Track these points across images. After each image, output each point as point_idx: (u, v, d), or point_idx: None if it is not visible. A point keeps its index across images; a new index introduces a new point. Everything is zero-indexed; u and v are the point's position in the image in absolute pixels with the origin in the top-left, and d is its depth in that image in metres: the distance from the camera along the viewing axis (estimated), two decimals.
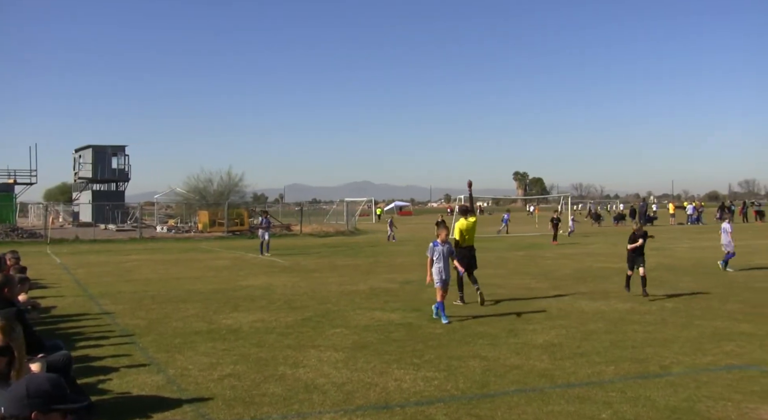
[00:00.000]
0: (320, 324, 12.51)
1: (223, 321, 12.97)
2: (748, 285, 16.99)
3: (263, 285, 18.53)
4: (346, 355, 9.98)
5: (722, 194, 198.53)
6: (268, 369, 9.21)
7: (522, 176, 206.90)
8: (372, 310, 14.03)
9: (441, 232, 12.90)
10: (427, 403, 7.57)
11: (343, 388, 8.23)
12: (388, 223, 42.48)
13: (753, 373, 8.63)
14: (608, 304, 14.32)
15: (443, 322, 12.25)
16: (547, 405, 7.42)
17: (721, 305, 13.91)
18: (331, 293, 16.63)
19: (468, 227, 15.08)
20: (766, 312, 13.01)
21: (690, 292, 15.92)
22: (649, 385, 8.12)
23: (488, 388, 8.12)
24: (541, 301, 14.89)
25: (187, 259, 27.98)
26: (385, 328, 12.04)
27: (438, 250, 12.64)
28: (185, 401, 7.77)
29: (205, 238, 43.80)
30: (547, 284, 17.79)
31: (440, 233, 12.88)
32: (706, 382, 8.26)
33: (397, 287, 17.62)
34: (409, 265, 23.54)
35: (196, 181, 54.37)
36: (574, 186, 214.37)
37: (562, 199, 55.23)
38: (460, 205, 15.80)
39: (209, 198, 52.60)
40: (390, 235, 40.10)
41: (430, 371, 8.96)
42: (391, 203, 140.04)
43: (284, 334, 11.57)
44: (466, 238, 15.09)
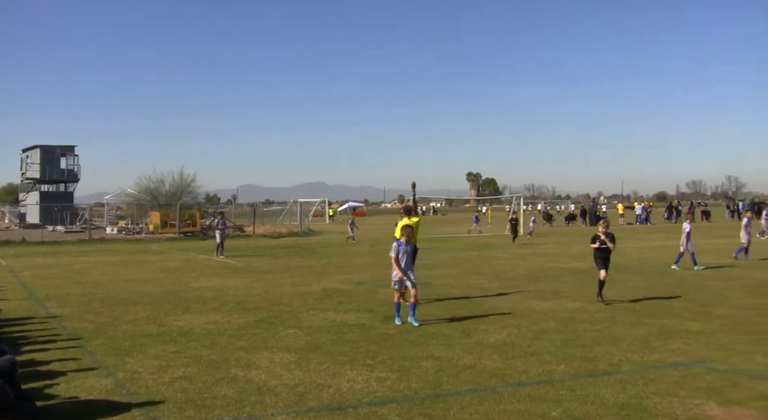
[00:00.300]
0: (273, 325, 12.44)
1: (175, 323, 12.83)
2: (695, 284, 17.33)
3: (215, 286, 18.37)
4: (299, 356, 9.94)
5: (670, 195, 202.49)
6: (220, 371, 9.13)
7: (475, 177, 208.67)
8: (325, 311, 13.99)
9: (405, 232, 12.74)
10: (380, 403, 7.57)
11: (295, 389, 8.19)
12: (349, 224, 42.19)
13: (698, 370, 8.80)
14: (559, 303, 14.48)
15: (396, 323, 12.25)
16: (499, 404, 7.47)
17: (668, 304, 14.17)
18: (284, 294, 16.55)
19: (411, 227, 15.04)
20: (712, 310, 13.29)
21: (639, 291, 16.17)
22: (598, 383, 8.23)
23: (441, 388, 8.16)
24: (493, 301, 15.00)
25: (137, 261, 27.61)
26: (338, 329, 12.02)
27: (402, 250, 12.46)
28: (135, 405, 7.66)
29: (157, 239, 43.25)
30: (500, 284, 17.93)
31: (405, 234, 12.70)
32: (654, 379, 8.40)
33: (351, 288, 17.60)
34: (363, 266, 23.54)
35: (148, 182, 53.63)
36: (526, 186, 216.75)
37: (514, 200, 55.60)
38: (403, 206, 16.06)
39: (161, 199, 51.94)
40: (350, 236, 39.86)
41: (383, 372, 8.97)
42: (345, 204, 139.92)
43: (236, 336, 11.48)
44: (412, 236, 15.05)
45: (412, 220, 15.13)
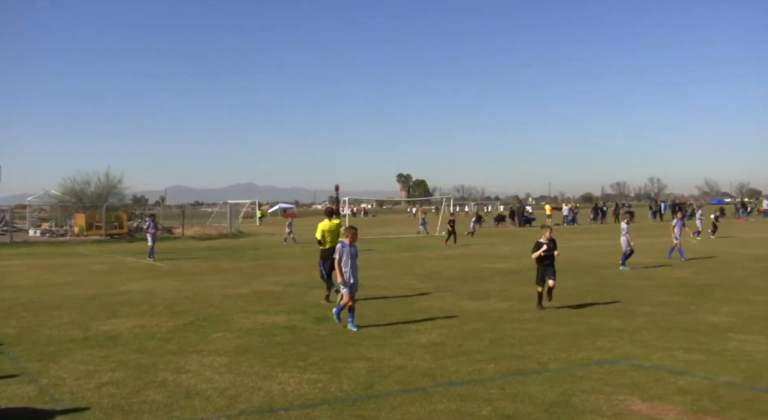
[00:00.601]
0: (203, 328, 12.29)
1: (101, 327, 12.56)
2: (619, 282, 17.76)
3: (144, 289, 18.05)
4: (230, 359, 9.84)
5: (596, 196, 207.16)
6: (149, 375, 8.98)
7: (406, 178, 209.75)
8: (256, 313, 13.89)
9: (349, 233, 12.25)
10: (312, 405, 7.56)
11: (226, 393, 8.11)
12: (287, 225, 41.65)
13: (623, 367, 9.03)
14: (489, 303, 14.67)
15: (350, 328, 11.83)
16: (430, 404, 7.53)
17: (594, 302, 14.49)
18: (213, 297, 16.37)
19: (331, 228, 15.50)
20: (635, 308, 13.64)
21: (566, 290, 16.46)
22: (527, 382, 8.37)
23: (373, 389, 8.18)
24: (424, 301, 15.11)
25: (62, 264, 26.93)
26: (269, 331, 11.94)
27: (346, 252, 12.04)
28: (59, 412, 7.47)
29: (82, 241, 42.26)
30: (431, 285, 18.07)
31: (348, 235, 12.25)
32: (581, 376, 8.59)
33: (281, 290, 17.51)
34: (294, 268, 23.44)
35: (73, 183, 52.29)
36: (456, 188, 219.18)
37: (444, 201, 56.20)
38: (324, 207, 16.27)
39: (86, 200, 50.71)
40: (287, 236, 39.42)
41: (314, 374, 8.95)
42: (276, 205, 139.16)
43: (165, 340, 11.30)
44: (328, 239, 15.38)
45: (333, 222, 15.53)
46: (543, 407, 7.34)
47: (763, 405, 7.28)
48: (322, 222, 15.62)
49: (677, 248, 24.04)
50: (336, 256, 12.03)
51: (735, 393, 7.76)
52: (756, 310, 13.15)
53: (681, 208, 68.71)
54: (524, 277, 19.55)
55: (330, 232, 15.45)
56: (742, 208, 72.97)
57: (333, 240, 15.37)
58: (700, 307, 13.70)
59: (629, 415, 7.02)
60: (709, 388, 7.99)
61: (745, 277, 18.32)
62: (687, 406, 7.28)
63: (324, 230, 15.42)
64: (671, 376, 8.54)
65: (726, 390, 7.89)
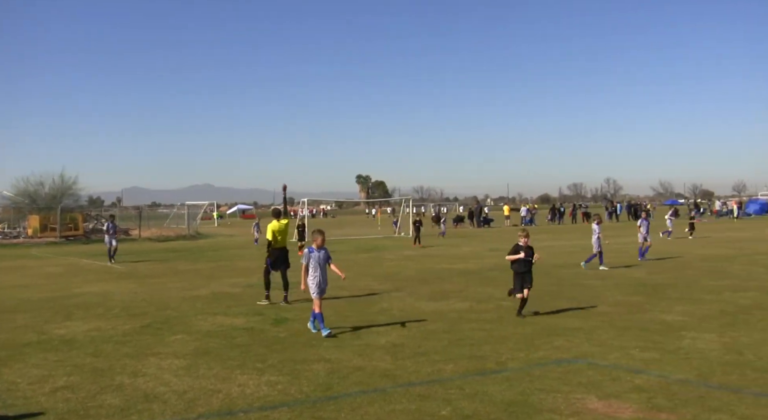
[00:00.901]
0: (160, 331, 12.17)
1: (56, 331, 12.37)
2: (575, 282, 17.97)
3: (99, 292, 17.82)
4: (188, 361, 9.76)
5: (553, 197, 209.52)
6: (105, 379, 8.87)
7: (365, 179, 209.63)
8: (214, 315, 13.80)
9: (316, 237, 11.78)
10: (271, 407, 7.53)
11: (184, 396, 8.05)
12: (253, 226, 40.90)
13: (580, 366, 9.15)
14: (448, 304, 14.74)
15: (323, 334, 11.29)
16: (390, 404, 7.55)
17: (552, 302, 14.64)
18: (171, 299, 16.22)
19: (280, 229, 15.76)
20: (592, 308, 13.82)
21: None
22: (486, 381, 8.44)
23: (332, 391, 8.17)
24: (384, 302, 15.14)
25: (15, 267, 26.48)
26: (228, 333, 11.87)
27: (314, 257, 11.70)
28: (12, 417, 7.34)
29: (36, 243, 41.58)
30: (390, 285, 18.10)
31: (316, 239, 11.78)
32: (539, 375, 8.68)
33: (240, 291, 17.41)
34: (253, 269, 23.29)
35: (26, 184, 51.49)
36: (415, 189, 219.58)
37: (403, 202, 56.32)
38: (273, 208, 16.71)
39: (40, 202, 49.92)
40: (256, 238, 38.80)
41: (274, 375, 8.91)
42: (234, 206, 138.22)
43: (122, 343, 11.17)
44: (279, 238, 15.65)
45: (281, 223, 15.79)
46: (502, 406, 7.40)
47: (716, 402, 7.42)
48: (271, 223, 15.86)
49: (644, 248, 24.28)
50: (303, 262, 11.75)
51: (688, 390, 7.91)
52: (708, 309, 13.40)
53: (644, 209, 69.73)
54: (483, 277, 19.69)
55: (280, 232, 15.73)
56: (695, 209, 74.28)
57: (283, 240, 15.72)
58: (655, 306, 13.92)
59: (586, 414, 7.11)
60: (664, 385, 8.13)
61: (698, 277, 18.66)
62: (642, 404, 7.40)
63: (274, 231, 15.67)
64: (627, 374, 8.67)
65: (680, 387, 8.03)
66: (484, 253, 29.22)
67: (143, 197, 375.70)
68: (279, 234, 15.70)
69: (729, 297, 14.89)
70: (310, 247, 11.88)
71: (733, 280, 17.71)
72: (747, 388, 7.93)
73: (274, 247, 15.66)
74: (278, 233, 15.69)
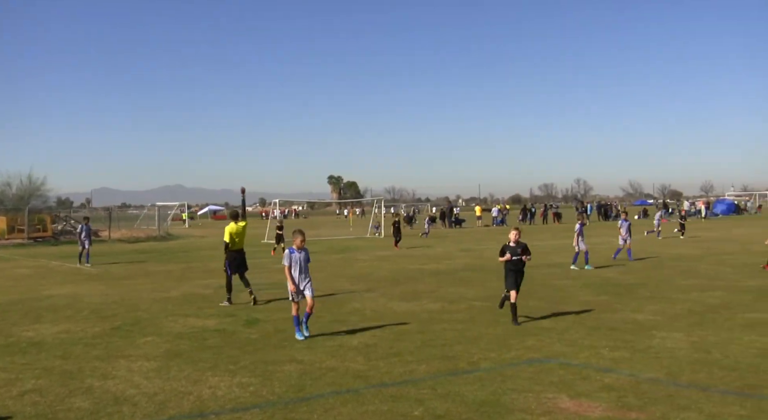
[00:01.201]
0: (131, 333, 12.07)
1: (24, 333, 12.22)
2: (546, 283, 18.08)
3: (69, 294, 17.63)
4: (159, 364, 9.69)
5: (524, 197, 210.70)
6: (75, 382, 8.77)
7: (336, 180, 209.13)
8: (185, 316, 13.71)
9: (296, 237, 11.28)
10: (243, 409, 7.49)
11: (155, 398, 7.98)
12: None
13: (552, 366, 9.21)
14: (420, 304, 14.77)
15: (297, 337, 11.17)
16: (362, 405, 7.55)
17: (523, 302, 14.67)
18: (142, 300, 16.09)
19: (237, 231, 15.79)
20: (562, 308, 13.92)
21: (496, 291, 16.67)
22: (458, 381, 8.46)
23: (305, 392, 8.15)
24: (356, 303, 15.13)
25: None
26: (199, 334, 11.80)
27: (295, 258, 11.27)
28: None
29: (3, 245, 40.99)
30: (362, 286, 18.10)
31: (296, 239, 11.27)
32: (511, 375, 8.72)
33: (212, 293, 17.31)
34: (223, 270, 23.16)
35: None
36: (387, 189, 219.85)
37: (375, 203, 56.30)
38: (230, 210, 16.92)
39: (7, 203, 49.28)
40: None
41: (246, 377, 8.87)
42: (205, 207, 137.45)
43: (92, 345, 11.06)
44: (236, 241, 15.77)
45: (239, 225, 15.89)
46: (474, 406, 7.43)
47: (685, 400, 7.51)
48: (229, 225, 15.86)
49: (626, 249, 24.18)
50: (285, 263, 11.27)
51: (658, 389, 7.99)
52: (678, 308, 13.55)
53: (624, 210, 70.29)
54: (455, 277, 19.75)
55: (237, 234, 15.74)
56: (664, 209, 75.13)
57: (240, 242, 15.78)
58: (626, 306, 14.04)
59: (558, 413, 7.16)
60: (634, 384, 8.21)
61: (668, 277, 18.86)
62: (612, 403, 7.46)
63: (231, 233, 15.66)
64: (597, 373, 8.74)
65: (649, 386, 8.11)
66: (456, 253, 29.31)
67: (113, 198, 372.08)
68: (236, 236, 15.71)
69: (697, 296, 15.06)
70: (290, 248, 11.41)
71: (701, 280, 17.92)
72: (714, 387, 8.03)
73: (231, 250, 15.67)
74: (236, 236, 15.69)
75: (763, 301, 14.19)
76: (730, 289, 16.17)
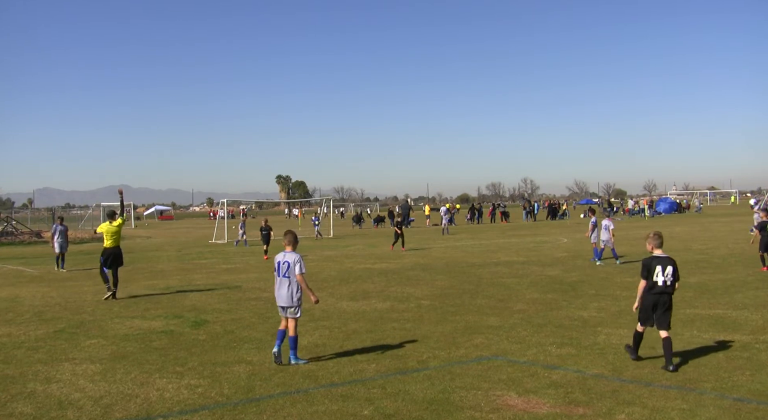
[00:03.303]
0: (75, 335, 11.85)
1: None
2: (493, 281, 18.24)
3: (8, 297, 17.25)
4: (104, 366, 9.53)
5: (472, 196, 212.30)
6: (16, 386, 8.58)
7: (285, 180, 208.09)
8: (131, 318, 13.51)
9: (284, 238, 9.88)
10: (192, 411, 7.41)
11: (100, 401, 7.85)
12: (239, 226, 39.11)
13: (500, 363, 9.30)
14: (369, 304, 14.78)
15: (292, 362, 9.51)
16: (312, 405, 7.53)
17: (471, 301, 14.84)
18: (86, 303, 15.81)
19: (110, 230, 16.89)
20: (510, 306, 14.06)
21: (444, 289, 16.80)
22: (407, 380, 8.49)
23: (254, 393, 8.10)
24: (304, 302, 15.01)
25: None
26: (145, 336, 11.64)
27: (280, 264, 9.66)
28: None
29: None
30: (311, 286, 17.96)
31: (284, 240, 9.87)
32: (460, 373, 8.79)
33: (158, 294, 17.10)
34: (170, 271, 22.92)
35: None
36: (335, 189, 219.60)
37: (324, 202, 56.19)
38: (108, 211, 17.84)
39: None
40: (240, 240, 37.48)
41: (194, 379, 8.78)
42: (151, 207, 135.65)
43: (34, 349, 10.83)
44: (110, 238, 16.83)
45: (113, 224, 16.98)
46: (423, 405, 7.46)
47: (629, 395, 7.65)
48: (103, 224, 17.23)
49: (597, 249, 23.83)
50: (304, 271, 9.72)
51: (603, 384, 8.13)
52: (622, 305, 13.78)
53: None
54: (403, 277, 19.80)
55: (109, 232, 16.83)
56: (609, 208, 76.41)
57: (115, 241, 16.89)
58: (571, 303, 14.25)
59: (506, 410, 7.23)
60: (580, 380, 8.33)
61: (611, 274, 19.18)
62: (560, 399, 7.57)
63: (104, 232, 16.89)
64: (545, 370, 8.85)
65: (595, 382, 8.25)
66: (404, 252, 29.39)
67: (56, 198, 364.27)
68: (108, 234, 16.79)
69: None
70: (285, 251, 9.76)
71: None
72: (657, 382, 8.20)
73: (106, 247, 16.74)
74: (107, 234, 16.80)
75: (703, 298, 14.52)
76: None
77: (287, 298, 9.59)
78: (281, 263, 9.62)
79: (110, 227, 16.87)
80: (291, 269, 9.54)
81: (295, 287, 9.63)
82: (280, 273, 9.60)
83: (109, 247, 16.72)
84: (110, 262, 16.62)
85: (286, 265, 9.57)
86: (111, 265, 16.62)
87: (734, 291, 15.35)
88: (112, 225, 16.92)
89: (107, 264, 16.60)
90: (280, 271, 9.61)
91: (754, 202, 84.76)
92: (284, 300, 9.61)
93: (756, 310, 12.98)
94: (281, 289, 9.61)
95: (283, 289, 9.60)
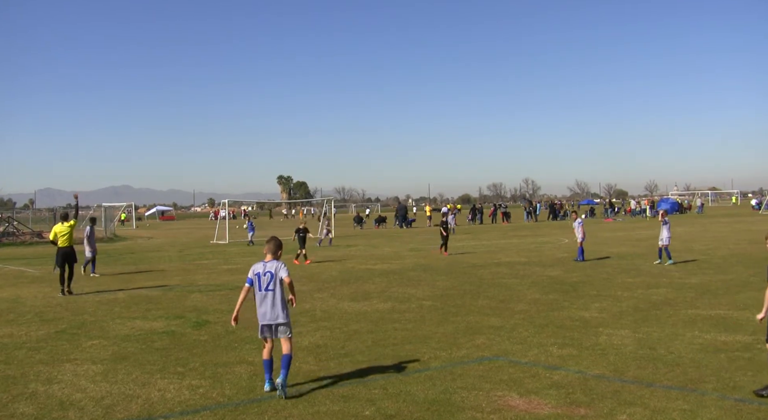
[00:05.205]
0: (76, 336, 11.85)
1: None
2: (494, 282, 18.23)
3: (10, 297, 17.25)
4: (105, 367, 9.53)
5: (474, 197, 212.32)
6: (18, 387, 8.58)
7: (286, 180, 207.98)
8: (132, 319, 13.51)
9: (265, 247, 8.43)
10: (193, 412, 7.42)
11: (102, 402, 7.85)
12: (247, 226, 38.52)
13: (501, 364, 9.30)
14: (370, 304, 14.78)
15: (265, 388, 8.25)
16: (313, 406, 7.53)
17: (472, 301, 14.83)
18: (87, 303, 15.81)
19: (62, 231, 18.08)
20: (511, 306, 14.06)
21: (446, 290, 16.80)
22: (409, 381, 8.49)
23: (255, 393, 8.10)
24: (306, 303, 15.06)
25: None
26: (146, 337, 11.64)
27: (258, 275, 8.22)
28: None
29: None
30: (312, 286, 18.05)
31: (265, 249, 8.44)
32: (461, 374, 8.78)
33: (159, 294, 17.10)
34: (171, 272, 22.92)
35: None
36: (337, 189, 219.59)
37: (325, 203, 56.14)
38: (61, 212, 18.77)
39: None
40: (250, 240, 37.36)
41: (195, 379, 8.78)
42: (153, 208, 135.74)
43: (36, 349, 10.83)
44: (60, 240, 18.02)
45: (64, 225, 18.14)
46: (425, 406, 7.46)
47: (630, 395, 7.65)
48: (56, 225, 18.34)
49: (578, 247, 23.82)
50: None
51: (605, 385, 8.12)
52: (623, 306, 13.79)
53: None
54: (404, 277, 19.80)
55: (61, 233, 18.03)
56: (610, 208, 76.41)
57: (67, 241, 18.03)
58: (573, 303, 14.24)
59: (507, 411, 7.23)
60: (581, 381, 8.33)
61: (613, 274, 19.16)
62: (561, 400, 7.57)
63: (56, 232, 18.11)
64: (546, 371, 8.85)
65: (597, 382, 8.24)
66: (405, 253, 29.39)
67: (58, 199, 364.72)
68: (60, 235, 17.99)
69: (642, 294, 15.35)
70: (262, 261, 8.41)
71: (645, 278, 18.26)
72: (659, 382, 8.20)
73: (59, 247, 17.92)
74: (60, 235, 18.00)
75: (704, 298, 14.52)
76: (674, 286, 16.51)
77: (273, 313, 8.09)
78: (262, 275, 8.14)
79: (62, 228, 18.10)
80: (274, 280, 8.09)
81: (281, 298, 8.13)
82: (261, 286, 8.13)
83: (62, 247, 17.92)
84: (63, 261, 17.69)
85: (268, 276, 8.11)
86: (63, 264, 17.67)
87: (735, 291, 15.35)
88: (64, 226, 18.14)
89: (60, 262, 17.72)
90: (261, 285, 8.13)
91: (755, 203, 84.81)
92: (270, 317, 8.11)
93: (757, 310, 12.86)
94: (264, 305, 8.13)
95: (267, 305, 8.11)
